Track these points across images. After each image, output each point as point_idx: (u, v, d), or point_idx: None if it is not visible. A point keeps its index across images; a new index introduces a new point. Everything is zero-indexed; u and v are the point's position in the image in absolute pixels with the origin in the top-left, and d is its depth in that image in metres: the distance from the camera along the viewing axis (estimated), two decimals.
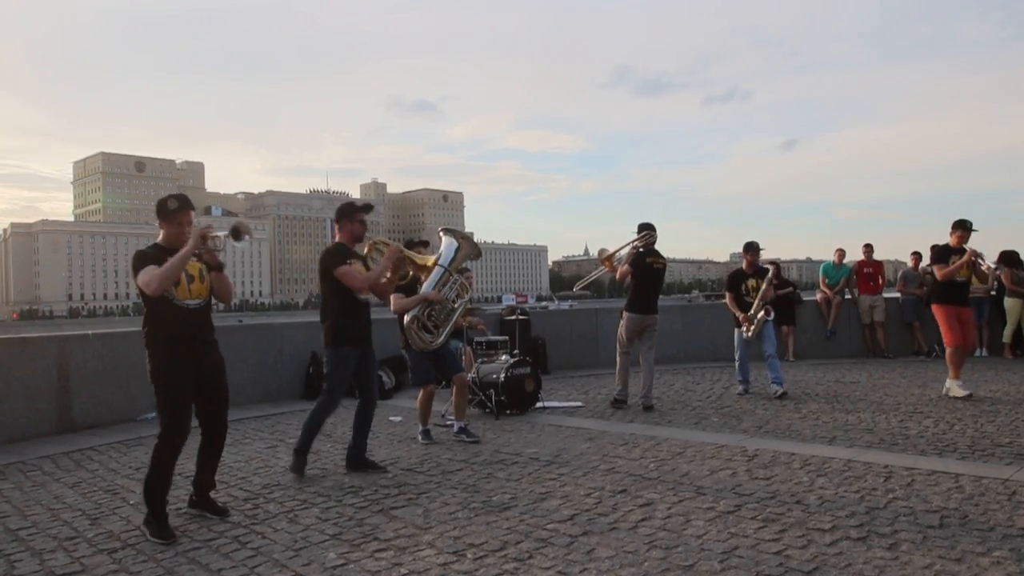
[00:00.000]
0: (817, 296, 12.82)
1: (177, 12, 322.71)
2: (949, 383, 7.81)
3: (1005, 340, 11.43)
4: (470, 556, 3.59)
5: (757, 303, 8.31)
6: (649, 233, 7.79)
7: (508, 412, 7.49)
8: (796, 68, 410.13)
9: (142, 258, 4.16)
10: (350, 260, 5.22)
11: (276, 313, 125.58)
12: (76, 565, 3.67)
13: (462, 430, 6.37)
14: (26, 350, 7.34)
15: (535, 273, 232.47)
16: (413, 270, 5.87)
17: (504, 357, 7.92)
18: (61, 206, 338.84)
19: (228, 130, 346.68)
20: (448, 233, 6.36)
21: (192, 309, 4.24)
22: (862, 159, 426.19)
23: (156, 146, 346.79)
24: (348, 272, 5.12)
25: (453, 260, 6.16)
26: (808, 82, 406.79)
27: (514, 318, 10.69)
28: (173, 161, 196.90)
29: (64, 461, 6.08)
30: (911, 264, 12.64)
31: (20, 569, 3.65)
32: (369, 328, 5.35)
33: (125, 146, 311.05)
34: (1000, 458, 5.15)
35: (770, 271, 8.61)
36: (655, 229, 7.84)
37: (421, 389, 6.30)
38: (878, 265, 12.60)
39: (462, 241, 6.26)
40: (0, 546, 3.99)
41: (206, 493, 4.46)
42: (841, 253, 12.79)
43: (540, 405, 7.81)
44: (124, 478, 5.42)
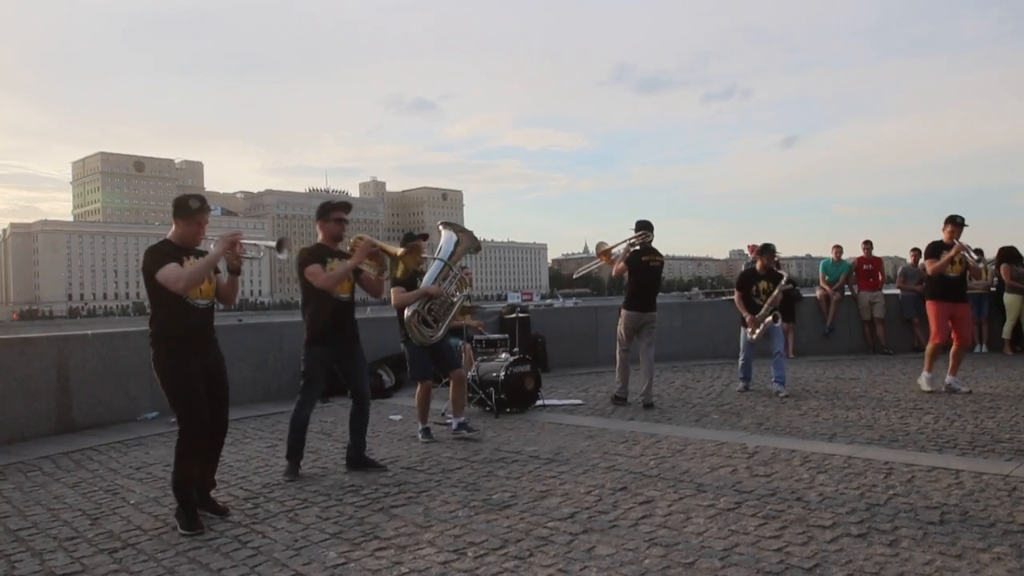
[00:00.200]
0: (817, 293, 12.82)
1: (176, 12, 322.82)
2: (922, 375, 8.09)
3: (1005, 336, 11.42)
4: (470, 554, 3.59)
5: (767, 307, 8.28)
6: (646, 233, 7.81)
7: (508, 410, 7.49)
8: (795, 65, 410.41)
9: (162, 254, 4.18)
10: (330, 259, 5.14)
11: (276, 312, 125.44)
12: (76, 565, 3.66)
13: (461, 425, 6.38)
14: (26, 350, 7.33)
15: (535, 271, 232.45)
16: (409, 264, 5.75)
17: (504, 355, 7.92)
18: (60, 206, 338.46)
19: (227, 129, 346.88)
20: (448, 227, 6.37)
21: (201, 309, 4.30)
22: (861, 156, 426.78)
23: (155, 146, 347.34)
24: (313, 271, 5.05)
25: (453, 254, 6.18)
26: (807, 79, 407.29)
27: (514, 316, 10.69)
28: (172, 161, 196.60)
29: (64, 461, 6.08)
30: (910, 260, 12.63)
31: (20, 569, 3.65)
32: (348, 327, 5.26)
33: (124, 146, 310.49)
34: (1000, 454, 5.15)
35: (784, 277, 8.61)
36: (652, 229, 7.86)
37: (419, 384, 6.30)
38: (877, 261, 12.59)
39: (461, 235, 6.27)
40: (0, 546, 3.99)
41: (206, 492, 4.46)
42: (838, 250, 12.79)
43: (540, 403, 7.80)
44: (124, 478, 5.41)
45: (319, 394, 5.38)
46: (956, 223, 7.81)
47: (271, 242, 4.45)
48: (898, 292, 12.45)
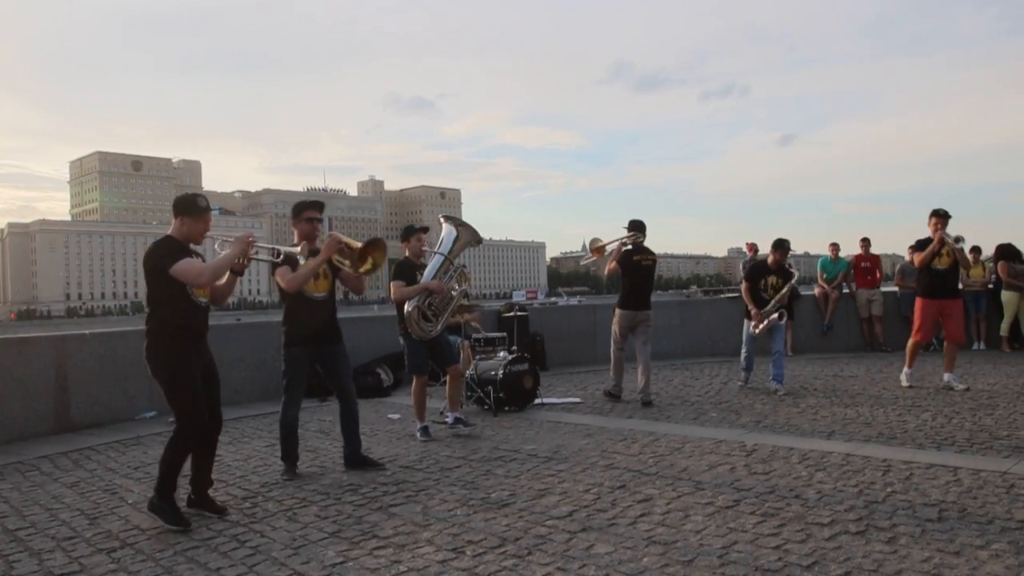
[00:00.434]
0: (815, 291, 12.83)
1: (174, 11, 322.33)
2: (903, 371, 8.24)
3: (1002, 333, 11.43)
4: (469, 553, 3.59)
5: (774, 303, 8.24)
6: (637, 234, 7.88)
7: (506, 409, 7.49)
8: (793, 63, 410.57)
9: (178, 250, 4.23)
10: (303, 260, 5.05)
11: (274, 311, 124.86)
12: (75, 565, 3.66)
13: (458, 420, 6.40)
14: (24, 350, 7.33)
15: (533, 269, 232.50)
16: (377, 259, 5.33)
17: (502, 354, 7.92)
18: (58, 206, 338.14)
19: (225, 128, 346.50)
20: (448, 221, 6.40)
21: (203, 307, 4.37)
22: (860, 154, 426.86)
23: (153, 145, 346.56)
24: (281, 273, 5.04)
25: (452, 248, 6.19)
26: (806, 77, 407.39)
27: (512, 314, 10.70)
28: (170, 160, 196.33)
29: (62, 461, 6.07)
30: (909, 258, 12.62)
31: (19, 569, 3.65)
32: (327, 326, 5.23)
33: (122, 145, 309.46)
34: (998, 451, 5.16)
35: (795, 275, 8.55)
36: (644, 229, 7.92)
37: (415, 378, 6.32)
38: (875, 259, 12.60)
39: (461, 229, 6.28)
40: None
41: (204, 491, 4.46)
42: (835, 248, 12.80)
43: (538, 401, 7.80)
44: (122, 478, 5.41)
45: (302, 394, 5.39)
46: (940, 215, 7.89)
47: (280, 248, 4.67)
48: (896, 290, 12.45)
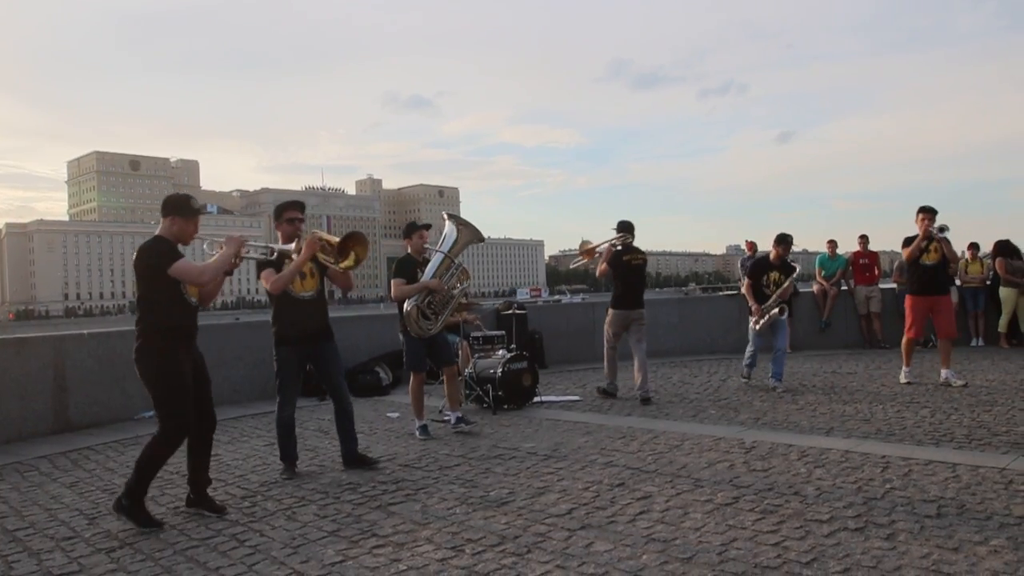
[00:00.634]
0: (814, 288, 12.83)
1: (171, 10, 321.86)
2: (902, 371, 8.25)
3: (1001, 330, 11.44)
4: (468, 551, 3.59)
5: (775, 298, 8.20)
6: (626, 235, 7.93)
7: (505, 407, 7.48)
8: (792, 60, 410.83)
9: (172, 250, 4.23)
10: (287, 260, 5.06)
11: None
12: (74, 565, 3.66)
13: (459, 420, 6.42)
14: (22, 350, 7.32)
15: (532, 267, 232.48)
16: (360, 253, 5.13)
17: (501, 352, 7.92)
18: (56, 206, 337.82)
19: (223, 128, 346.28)
20: (450, 219, 6.41)
21: (194, 306, 4.38)
22: (859, 151, 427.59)
23: (151, 144, 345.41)
24: (265, 275, 5.06)
25: (453, 247, 6.20)
26: (804, 74, 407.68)
27: (511, 313, 10.70)
28: (168, 159, 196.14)
29: (61, 461, 6.07)
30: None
31: (18, 570, 3.65)
32: (316, 326, 5.24)
33: (119, 145, 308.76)
34: (997, 447, 5.16)
35: (797, 269, 8.48)
36: (633, 230, 7.97)
37: (412, 375, 6.33)
38: (873, 256, 12.59)
39: (462, 228, 6.29)
40: None
41: (203, 491, 4.46)
42: (833, 245, 12.80)
43: (537, 399, 7.80)
44: (121, 477, 5.38)
45: (297, 393, 5.41)
46: (927, 212, 7.93)
47: (274, 246, 4.73)
48: (895, 286, 12.45)
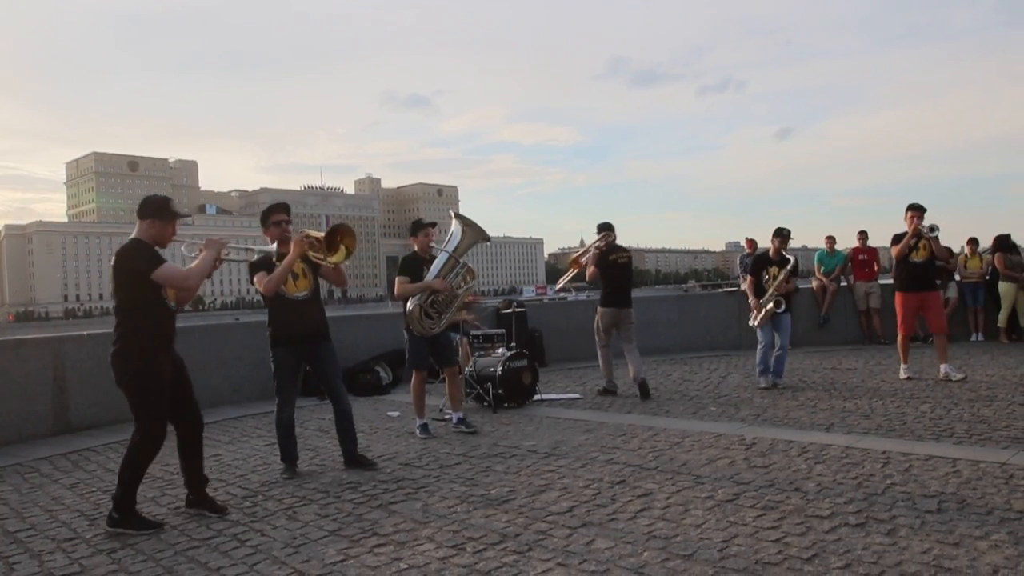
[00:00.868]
0: (813, 284, 12.84)
1: (168, 10, 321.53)
2: (901, 368, 8.23)
3: (1000, 325, 11.44)
4: (469, 549, 3.59)
5: (771, 292, 8.08)
6: (607, 233, 8.06)
7: (506, 405, 7.48)
8: (790, 57, 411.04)
9: (155, 254, 4.21)
10: (277, 262, 5.08)
11: None
12: (75, 566, 3.66)
13: (460, 421, 6.41)
14: (22, 352, 7.31)
15: (532, 265, 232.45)
16: (348, 244, 5.18)
17: (501, 350, 7.92)
18: (55, 207, 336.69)
19: (221, 128, 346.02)
20: (456, 219, 6.42)
21: (173, 310, 4.37)
22: (858, 147, 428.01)
23: (149, 145, 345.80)
24: (258, 279, 5.10)
25: (458, 246, 6.20)
26: (802, 71, 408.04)
27: (510, 311, 10.70)
28: (166, 160, 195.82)
29: (61, 462, 6.07)
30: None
31: (19, 571, 3.64)
32: (311, 326, 5.23)
33: (118, 146, 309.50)
34: (997, 442, 5.16)
35: (792, 261, 8.25)
36: (613, 228, 8.15)
37: (414, 373, 6.33)
38: (873, 252, 12.59)
39: (468, 228, 6.29)
40: None
41: (202, 491, 4.46)
42: (832, 241, 12.80)
43: (538, 397, 7.80)
44: None
45: (295, 394, 5.41)
46: (916, 209, 7.97)
47: (253, 247, 4.77)
48: (893, 282, 12.44)
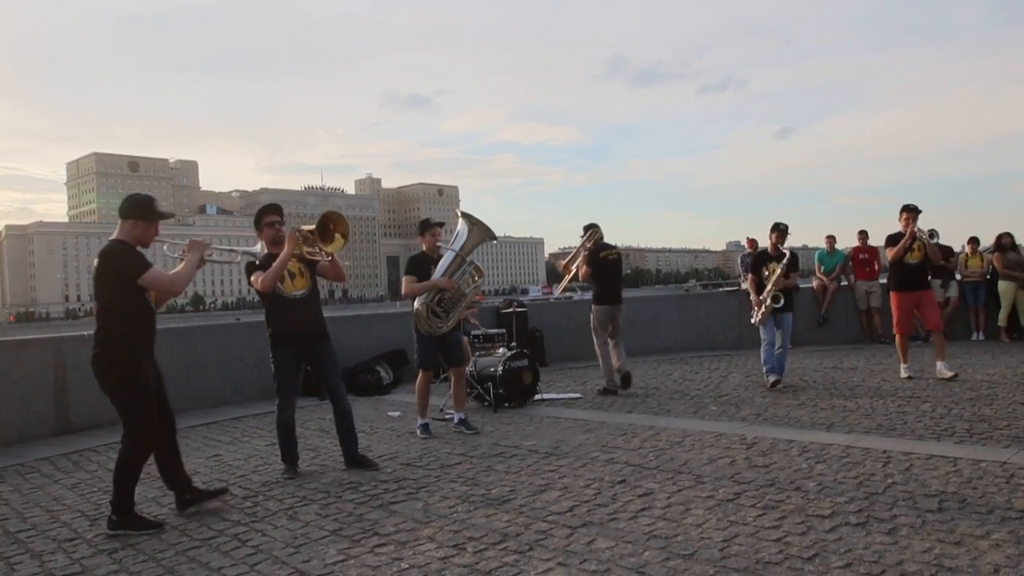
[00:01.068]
0: (813, 283, 12.84)
1: (168, 10, 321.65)
2: (901, 367, 8.22)
3: (1000, 324, 11.44)
4: (470, 549, 3.59)
5: (769, 288, 7.99)
6: (594, 231, 8.18)
7: (506, 405, 7.49)
8: (790, 56, 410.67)
9: (141, 257, 4.23)
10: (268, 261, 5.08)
11: None
12: (76, 566, 3.66)
13: (462, 421, 6.41)
14: (23, 352, 7.32)
15: (532, 265, 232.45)
16: (341, 228, 5.16)
17: (501, 350, 7.92)
18: (56, 207, 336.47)
19: (222, 128, 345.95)
20: (463, 217, 6.43)
21: (154, 312, 4.40)
22: (858, 146, 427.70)
23: (149, 145, 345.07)
24: (255, 276, 5.09)
25: (464, 245, 6.21)
26: (802, 70, 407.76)
27: (511, 311, 10.70)
28: (167, 160, 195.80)
29: (62, 462, 6.07)
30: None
31: (20, 571, 3.65)
32: (309, 325, 5.24)
33: (118, 146, 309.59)
34: (998, 441, 5.16)
35: (787, 256, 8.00)
36: (599, 227, 8.27)
37: (421, 372, 6.34)
38: (873, 251, 12.57)
39: (474, 227, 6.30)
40: (0, 548, 3.99)
41: (191, 487, 4.49)
42: (831, 240, 12.80)
43: (538, 397, 7.81)
44: None
45: (295, 394, 5.42)
46: (910, 210, 8.02)
47: (238, 249, 4.85)
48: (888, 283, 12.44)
